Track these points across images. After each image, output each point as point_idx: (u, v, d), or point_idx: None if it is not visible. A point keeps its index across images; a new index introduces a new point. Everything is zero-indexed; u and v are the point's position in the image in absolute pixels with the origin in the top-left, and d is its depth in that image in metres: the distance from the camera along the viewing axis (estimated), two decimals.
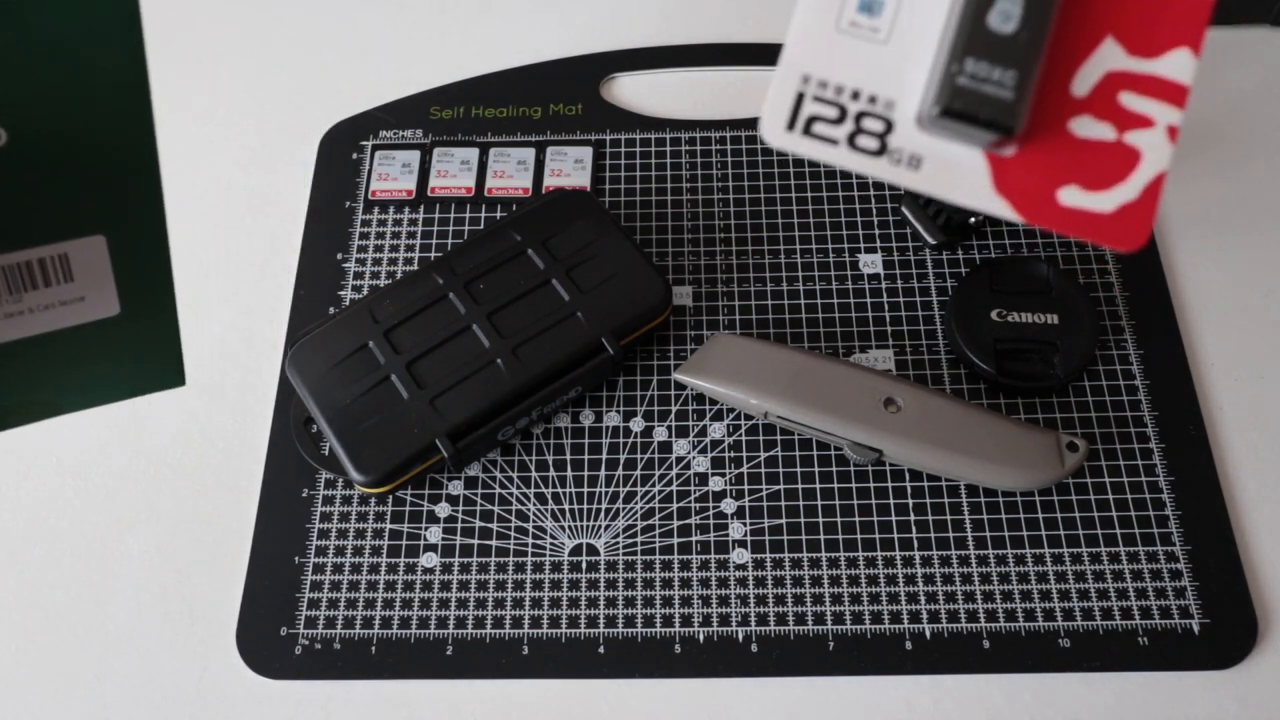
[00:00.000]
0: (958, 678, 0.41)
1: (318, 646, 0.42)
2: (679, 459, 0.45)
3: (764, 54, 0.57)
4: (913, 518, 0.43)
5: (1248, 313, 0.48)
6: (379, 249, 0.51)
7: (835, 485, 0.44)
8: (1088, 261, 0.49)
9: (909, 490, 0.44)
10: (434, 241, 0.51)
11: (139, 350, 0.32)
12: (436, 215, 0.52)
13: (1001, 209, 0.27)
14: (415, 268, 0.50)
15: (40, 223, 0.28)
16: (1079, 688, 0.40)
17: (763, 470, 0.45)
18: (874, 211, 0.51)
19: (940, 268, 0.50)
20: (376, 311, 0.46)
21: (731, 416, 0.46)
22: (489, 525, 0.44)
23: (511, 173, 0.53)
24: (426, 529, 0.44)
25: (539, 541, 0.44)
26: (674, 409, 0.46)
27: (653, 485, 0.45)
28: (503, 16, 0.60)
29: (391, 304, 0.46)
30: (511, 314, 0.45)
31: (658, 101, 0.56)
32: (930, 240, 0.50)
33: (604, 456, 0.45)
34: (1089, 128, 0.26)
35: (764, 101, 0.27)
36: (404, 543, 0.44)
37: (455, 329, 0.45)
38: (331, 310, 0.50)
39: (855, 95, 0.27)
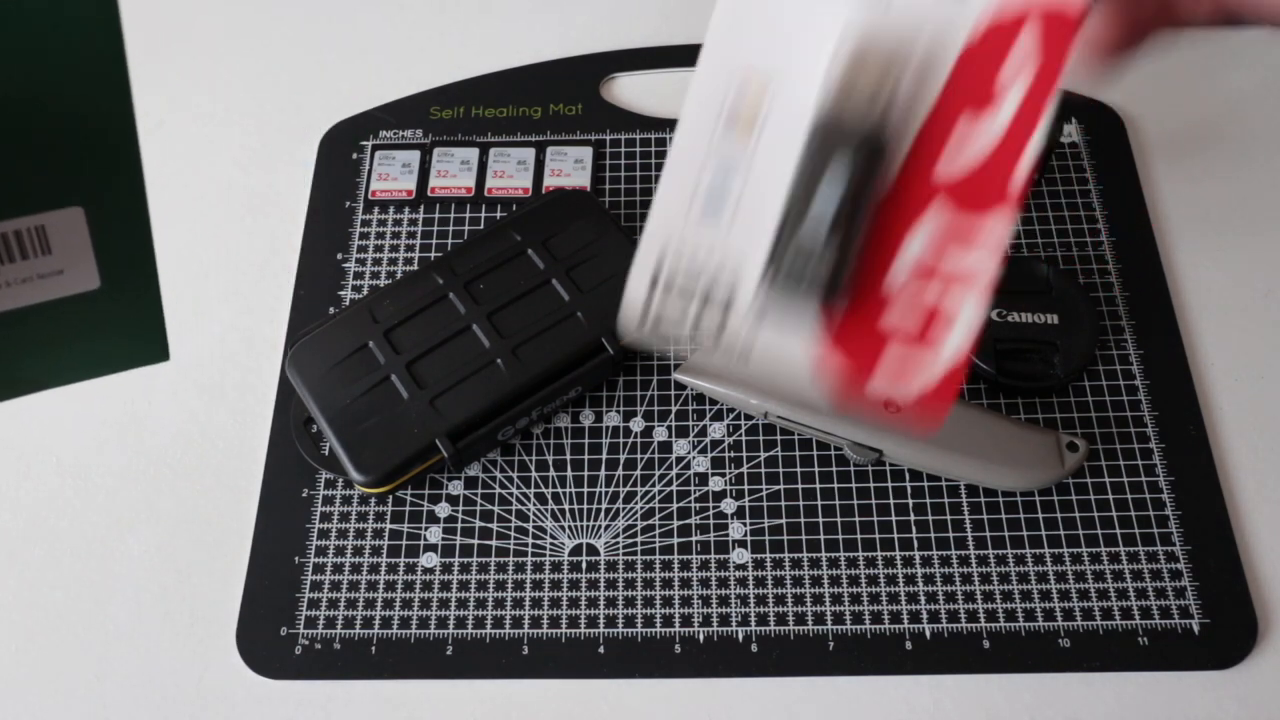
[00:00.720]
0: (958, 678, 0.41)
1: (318, 646, 0.42)
2: (679, 459, 0.45)
3: None
4: (913, 518, 0.43)
5: (1248, 313, 0.48)
6: (379, 249, 0.51)
7: (835, 485, 0.44)
8: (1088, 261, 0.49)
9: (909, 490, 0.44)
10: (434, 241, 0.51)
11: (121, 325, 0.31)
12: (436, 215, 0.52)
13: (820, 398, 0.28)
14: (415, 268, 0.50)
15: (15, 194, 0.27)
16: (1079, 688, 0.40)
17: (763, 470, 0.45)
18: None
19: None
20: (376, 311, 0.46)
21: (731, 416, 0.46)
22: (489, 525, 0.44)
23: (511, 173, 0.53)
24: (426, 529, 0.44)
25: (539, 541, 0.44)
26: (674, 409, 0.46)
27: (653, 485, 0.45)
28: (503, 16, 0.60)
29: (391, 304, 0.46)
30: (511, 314, 0.45)
31: (658, 101, 0.56)
32: None
33: (604, 456, 0.45)
34: (902, 314, 0.27)
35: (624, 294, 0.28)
36: (404, 543, 0.44)
37: (455, 329, 0.45)
38: (331, 310, 0.50)
39: (702, 282, 0.28)
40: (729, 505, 0.44)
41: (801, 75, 0.26)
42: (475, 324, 0.45)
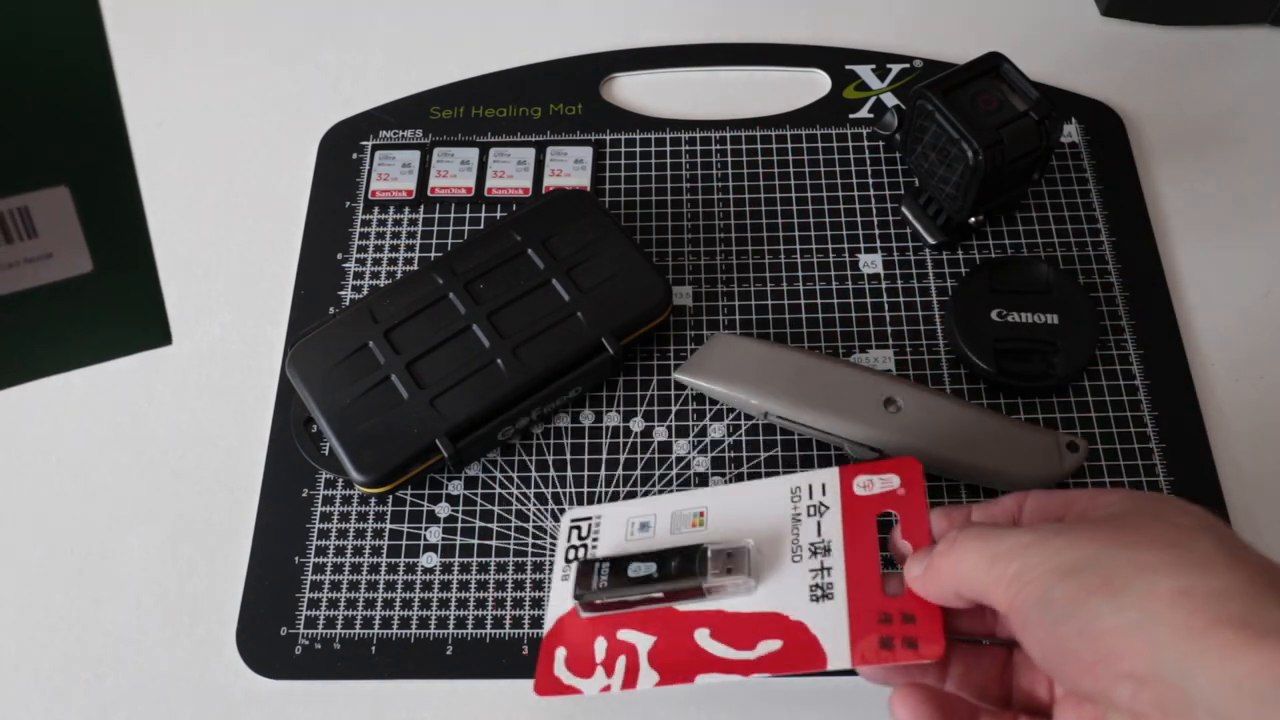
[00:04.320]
0: None
1: (318, 646, 0.42)
2: (679, 459, 0.45)
3: (764, 54, 0.57)
4: None
5: (1248, 313, 0.48)
6: (379, 249, 0.51)
7: None
8: (1088, 261, 0.49)
9: None
10: (434, 241, 0.51)
11: (118, 308, 0.30)
12: (436, 215, 0.52)
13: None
14: (415, 268, 0.50)
15: None
16: None
17: (763, 470, 0.45)
18: (874, 211, 0.51)
19: (940, 268, 0.50)
20: (376, 311, 0.46)
21: (731, 416, 0.46)
22: (489, 525, 0.44)
23: (511, 173, 0.53)
24: (426, 529, 0.44)
25: (539, 541, 0.44)
26: (674, 409, 0.46)
27: (653, 485, 0.45)
28: (503, 16, 0.60)
29: (391, 304, 0.46)
30: (511, 314, 0.45)
31: (658, 101, 0.56)
32: (930, 240, 0.50)
33: (604, 456, 0.45)
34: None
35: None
36: (404, 543, 0.44)
37: (455, 329, 0.45)
38: (331, 310, 0.50)
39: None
40: None
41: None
42: (475, 324, 0.45)
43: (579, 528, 0.41)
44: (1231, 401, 0.46)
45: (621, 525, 0.41)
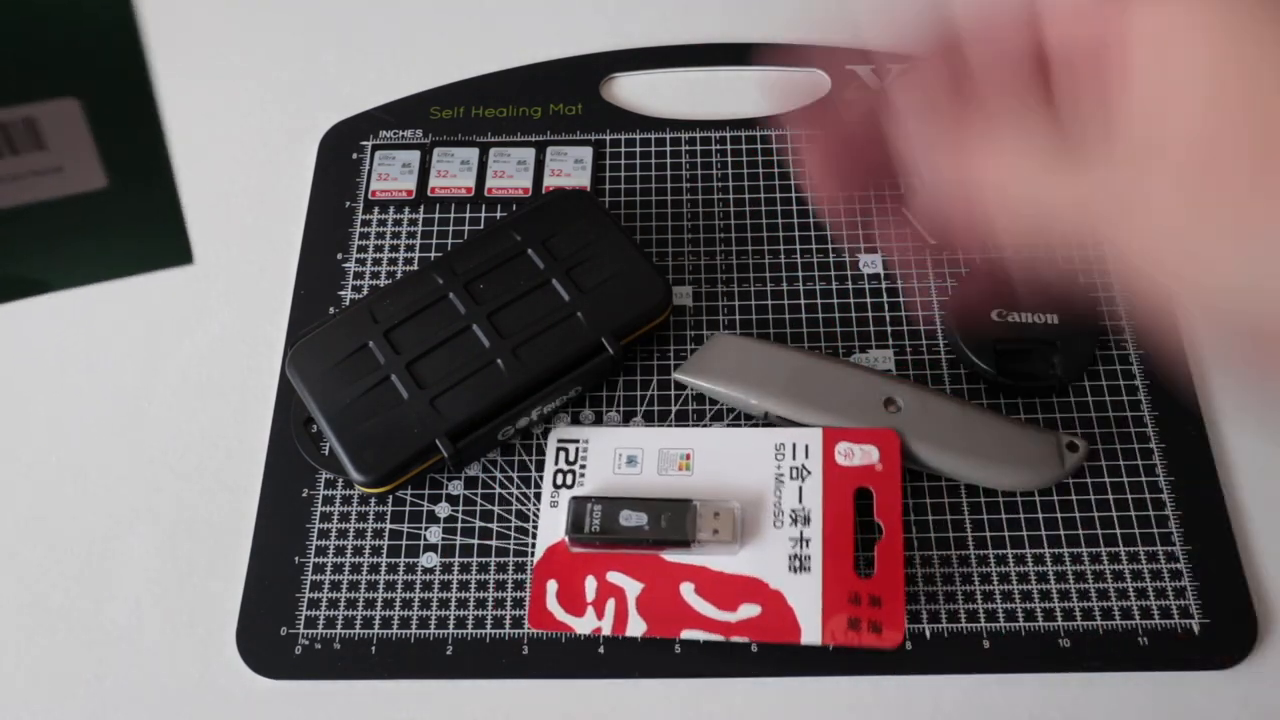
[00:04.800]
0: (958, 678, 0.41)
1: (318, 646, 0.42)
2: None
3: (764, 54, 0.57)
4: (913, 518, 0.43)
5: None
6: (379, 249, 0.51)
7: None
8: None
9: (909, 490, 0.44)
10: (434, 241, 0.51)
11: (134, 225, 0.29)
12: (436, 215, 0.52)
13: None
14: (415, 268, 0.50)
15: None
16: (1079, 688, 0.40)
17: None
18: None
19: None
20: (376, 311, 0.46)
21: (731, 416, 0.46)
22: (489, 525, 0.44)
23: (511, 173, 0.53)
24: (426, 529, 0.44)
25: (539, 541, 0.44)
26: (674, 409, 0.46)
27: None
28: (503, 16, 0.60)
29: (391, 304, 0.46)
30: (511, 314, 0.45)
31: (658, 101, 0.56)
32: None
33: None
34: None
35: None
36: (404, 543, 0.44)
37: (455, 329, 0.45)
38: (331, 310, 0.50)
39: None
40: None
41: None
42: (475, 324, 0.45)
43: (566, 450, 0.44)
44: (1232, 401, 0.46)
45: (609, 456, 0.44)
